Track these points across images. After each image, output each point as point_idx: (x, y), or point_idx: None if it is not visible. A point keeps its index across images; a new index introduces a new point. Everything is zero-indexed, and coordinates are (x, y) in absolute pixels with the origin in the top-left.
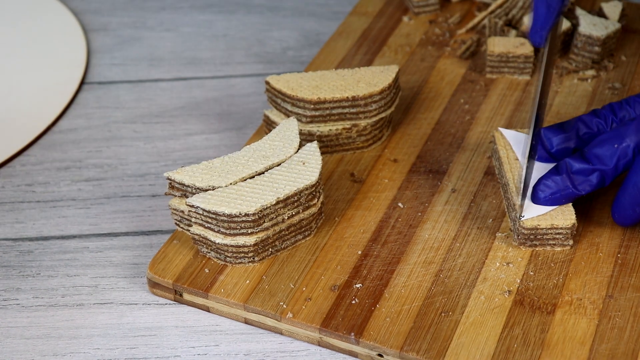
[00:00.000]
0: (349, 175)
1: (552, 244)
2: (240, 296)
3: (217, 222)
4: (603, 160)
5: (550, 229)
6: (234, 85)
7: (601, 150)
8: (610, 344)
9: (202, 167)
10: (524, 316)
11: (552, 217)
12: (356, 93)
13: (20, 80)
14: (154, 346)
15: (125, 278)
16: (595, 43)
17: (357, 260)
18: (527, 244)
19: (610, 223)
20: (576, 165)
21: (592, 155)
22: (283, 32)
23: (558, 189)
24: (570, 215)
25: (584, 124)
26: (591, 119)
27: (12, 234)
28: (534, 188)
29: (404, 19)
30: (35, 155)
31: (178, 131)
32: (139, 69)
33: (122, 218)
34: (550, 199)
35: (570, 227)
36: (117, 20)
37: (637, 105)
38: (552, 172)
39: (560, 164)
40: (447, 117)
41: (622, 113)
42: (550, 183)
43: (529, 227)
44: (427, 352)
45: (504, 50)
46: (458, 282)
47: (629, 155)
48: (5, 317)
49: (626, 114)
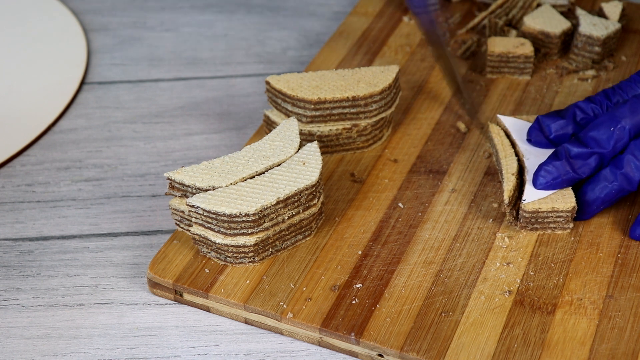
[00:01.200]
0: (349, 175)
1: (553, 227)
2: (240, 296)
3: (217, 222)
4: (600, 143)
5: (551, 212)
6: (234, 85)
7: (598, 134)
8: (611, 344)
9: (203, 167)
10: (524, 316)
11: (552, 200)
12: (356, 93)
13: (20, 80)
14: (154, 346)
15: (125, 278)
16: (596, 43)
17: (358, 260)
18: (528, 227)
19: (610, 223)
20: (575, 149)
21: (590, 139)
22: (283, 32)
23: (559, 174)
24: (570, 198)
25: (580, 109)
26: (587, 105)
27: (12, 234)
28: (535, 174)
29: (404, 19)
30: (35, 155)
31: (178, 131)
32: (139, 69)
33: (122, 218)
34: (552, 184)
35: (570, 210)
36: (117, 20)
37: (629, 88)
38: (552, 158)
39: (559, 150)
40: (447, 117)
41: (615, 98)
42: (551, 168)
43: (530, 211)
44: (427, 352)
45: (504, 50)
46: (458, 282)
47: (624, 137)
48: (6, 317)
49: (619, 99)
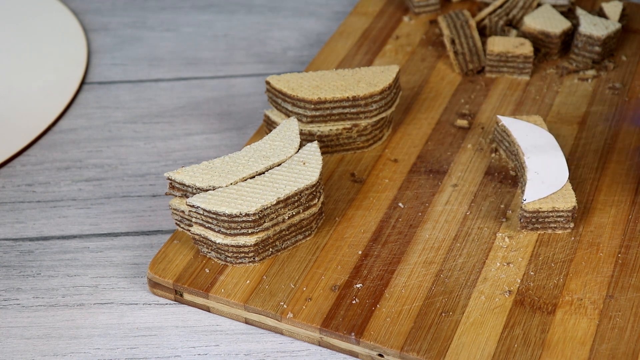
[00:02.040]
0: (349, 175)
1: (554, 227)
2: (240, 296)
3: (217, 222)
4: None
5: (552, 212)
6: (234, 85)
7: None
8: (611, 344)
9: (203, 167)
10: (524, 316)
11: (553, 200)
12: (356, 93)
13: (20, 80)
14: (155, 346)
15: (125, 278)
16: (596, 43)
17: (358, 260)
18: (529, 227)
19: (610, 223)
20: None
21: None
22: (283, 32)
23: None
24: (571, 198)
25: None
26: None
27: (12, 234)
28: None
29: (404, 19)
30: (35, 155)
31: (178, 131)
32: (139, 69)
33: (123, 218)
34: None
35: (571, 210)
36: (117, 20)
37: None
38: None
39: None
40: (447, 117)
41: None
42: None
43: (531, 210)
44: (427, 352)
45: (503, 49)
46: (458, 282)
47: None
48: (6, 317)
49: None
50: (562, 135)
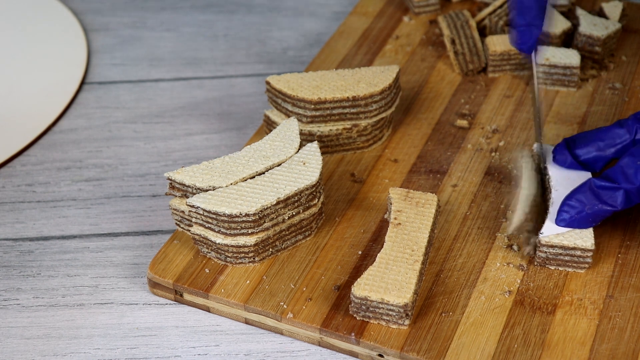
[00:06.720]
0: (349, 175)
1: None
2: (240, 296)
3: (217, 222)
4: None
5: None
6: (234, 85)
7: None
8: (611, 344)
9: (203, 167)
10: (524, 316)
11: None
12: (356, 93)
13: (20, 80)
14: (155, 346)
15: (125, 278)
16: (596, 43)
17: (358, 261)
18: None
19: (610, 223)
20: (600, 183)
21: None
22: (283, 32)
23: (582, 208)
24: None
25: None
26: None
27: (12, 234)
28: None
29: (404, 19)
30: (35, 155)
31: (178, 131)
32: (139, 69)
33: (123, 218)
34: (577, 218)
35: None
36: (117, 20)
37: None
38: (576, 191)
39: (584, 183)
40: (447, 117)
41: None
42: (574, 203)
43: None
44: (427, 353)
45: (505, 49)
46: (458, 282)
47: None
48: (6, 317)
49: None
50: (562, 135)
